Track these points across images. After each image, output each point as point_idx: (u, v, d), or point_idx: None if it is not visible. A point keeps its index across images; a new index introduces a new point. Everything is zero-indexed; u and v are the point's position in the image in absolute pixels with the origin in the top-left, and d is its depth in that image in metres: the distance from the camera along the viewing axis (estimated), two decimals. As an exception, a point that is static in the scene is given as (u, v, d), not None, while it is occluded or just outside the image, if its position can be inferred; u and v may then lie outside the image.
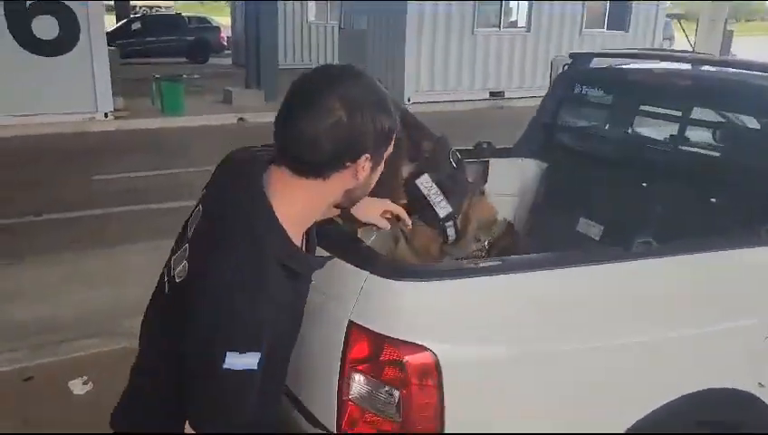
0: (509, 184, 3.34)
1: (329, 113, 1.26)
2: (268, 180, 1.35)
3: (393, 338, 1.54)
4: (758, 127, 2.57)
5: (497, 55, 13.58)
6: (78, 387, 3.37)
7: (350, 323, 1.60)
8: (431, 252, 2.50)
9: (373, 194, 2.17)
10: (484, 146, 3.37)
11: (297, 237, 1.38)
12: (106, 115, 10.20)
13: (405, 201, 2.32)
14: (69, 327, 3.90)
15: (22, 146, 8.74)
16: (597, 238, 2.94)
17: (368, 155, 1.33)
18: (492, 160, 3.24)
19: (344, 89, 1.29)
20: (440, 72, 13.25)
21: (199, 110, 11.29)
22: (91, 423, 3.06)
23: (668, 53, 3.13)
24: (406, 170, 2.41)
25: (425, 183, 2.34)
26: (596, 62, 3.22)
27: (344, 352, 1.61)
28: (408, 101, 12.12)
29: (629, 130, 3.01)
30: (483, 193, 2.70)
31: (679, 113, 2.74)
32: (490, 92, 13.54)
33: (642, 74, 2.98)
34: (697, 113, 2.73)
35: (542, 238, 3.18)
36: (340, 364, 1.61)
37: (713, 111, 2.73)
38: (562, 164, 3.20)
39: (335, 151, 1.28)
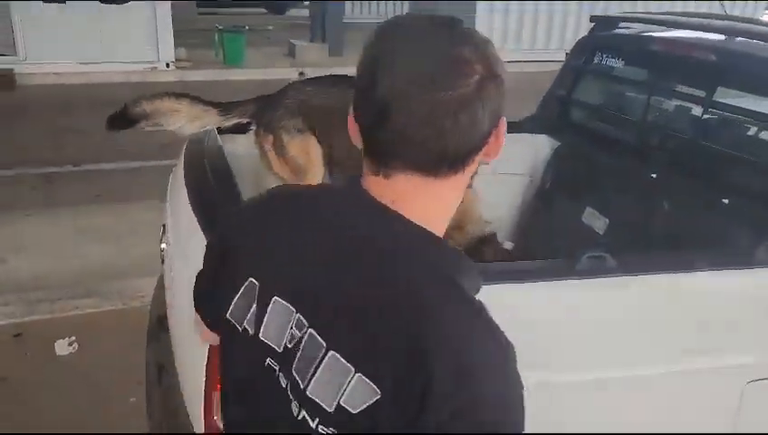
0: (518, 162, 3.01)
1: (469, 73, 0.84)
2: (380, 206, 0.90)
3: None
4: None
5: (577, 12, 12.73)
6: (63, 348, 3.34)
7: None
8: None
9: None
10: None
11: None
12: (168, 65, 10.27)
13: None
14: (67, 284, 3.88)
15: (83, 94, 8.91)
16: (601, 232, 2.58)
17: (503, 117, 0.91)
18: (499, 135, 2.92)
19: (464, 36, 0.87)
20: (514, 29, 12.55)
21: (261, 62, 11.18)
22: (66, 387, 3.08)
23: (721, 20, 2.62)
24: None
25: None
26: (622, 29, 2.78)
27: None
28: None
29: (651, 113, 2.57)
30: (470, 186, 2.37)
31: (705, 95, 2.29)
32: (566, 52, 12.73)
33: (675, 46, 2.52)
34: (738, 99, 2.26)
35: (545, 227, 2.85)
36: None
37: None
38: (574, 145, 2.82)
39: (481, 124, 0.86)
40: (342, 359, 0.83)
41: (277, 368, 0.91)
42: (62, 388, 3.04)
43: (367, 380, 0.81)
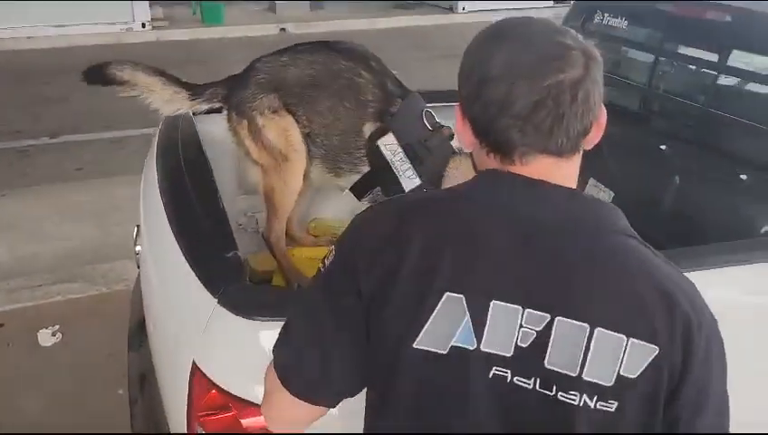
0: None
1: (576, 58, 0.93)
2: (546, 184, 0.93)
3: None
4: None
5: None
6: (46, 338, 3.21)
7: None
8: None
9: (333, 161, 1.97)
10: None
11: None
12: (143, 25, 9.87)
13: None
14: (49, 269, 3.72)
15: (55, 59, 8.56)
16: (605, 206, 2.43)
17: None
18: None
19: (560, 29, 0.98)
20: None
21: (241, 19, 10.80)
22: (51, 380, 2.97)
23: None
24: (369, 129, 2.00)
25: (388, 145, 1.95)
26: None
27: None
28: (463, 10, 11.24)
29: (659, 77, 2.40)
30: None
31: (717, 58, 2.12)
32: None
33: (686, 4, 2.33)
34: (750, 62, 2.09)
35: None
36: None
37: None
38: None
39: (593, 104, 0.96)
40: (611, 332, 0.86)
41: (509, 373, 0.88)
42: (47, 381, 2.92)
43: (641, 341, 0.86)
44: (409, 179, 1.92)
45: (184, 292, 1.33)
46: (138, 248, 1.80)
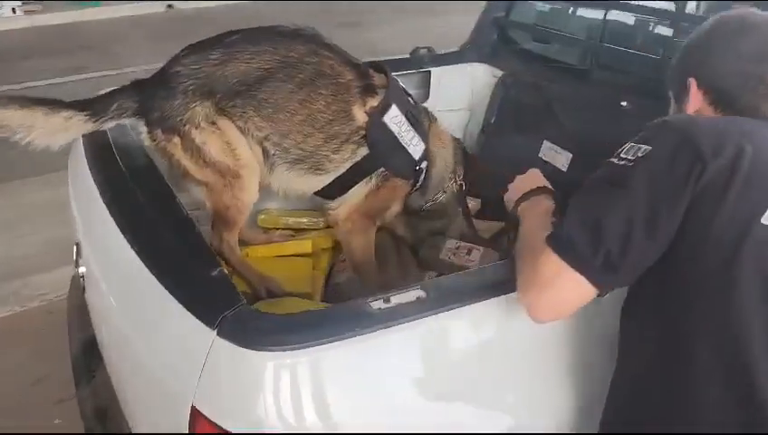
0: (457, 97, 2.74)
1: None
2: None
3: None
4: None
5: None
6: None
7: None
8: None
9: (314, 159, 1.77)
10: (423, 52, 2.73)
11: None
12: (14, 11, 8.97)
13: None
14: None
15: None
16: (564, 169, 2.38)
17: None
18: (434, 69, 2.63)
19: None
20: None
21: (118, -2, 10.04)
22: None
23: None
24: (360, 110, 1.79)
25: (394, 119, 1.80)
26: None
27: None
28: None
29: (610, 30, 2.34)
30: (435, 119, 2.08)
31: (672, 6, 2.08)
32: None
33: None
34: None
35: (496, 166, 2.63)
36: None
37: None
38: (519, 72, 2.57)
39: None
40: None
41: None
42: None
43: None
44: (415, 147, 1.84)
45: (165, 323, 1.13)
46: (81, 270, 1.54)
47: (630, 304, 1.17)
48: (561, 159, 2.39)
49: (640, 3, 2.23)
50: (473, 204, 2.28)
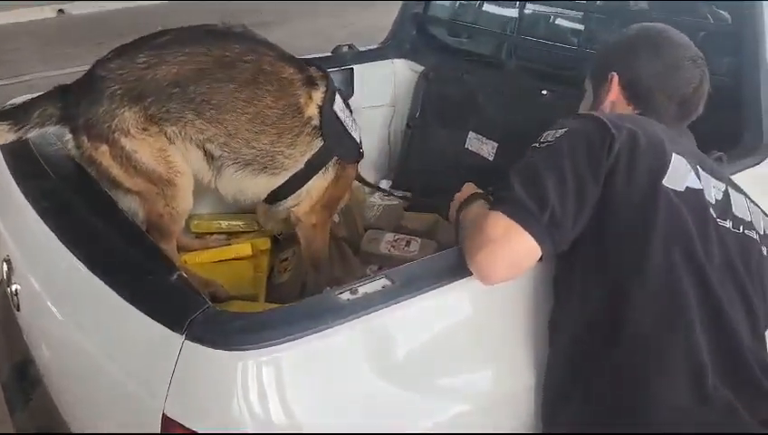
0: (380, 93, 2.76)
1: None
2: None
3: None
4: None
5: None
6: None
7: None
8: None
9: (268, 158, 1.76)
10: (345, 49, 2.74)
11: None
12: None
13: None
14: None
15: None
16: (490, 158, 2.45)
17: None
18: (356, 67, 2.64)
19: None
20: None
21: (5, 3, 9.46)
22: None
23: None
24: (307, 102, 1.79)
25: (339, 107, 1.85)
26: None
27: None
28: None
29: (523, 22, 2.44)
30: None
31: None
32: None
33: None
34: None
35: (425, 160, 2.68)
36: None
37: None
38: (440, 66, 2.63)
39: None
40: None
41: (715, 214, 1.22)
42: None
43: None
44: (356, 132, 1.90)
45: (128, 333, 1.10)
46: (15, 287, 1.45)
47: (560, 278, 1.24)
48: (486, 148, 2.47)
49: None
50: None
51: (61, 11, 9.43)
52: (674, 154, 1.20)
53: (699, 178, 1.22)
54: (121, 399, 1.11)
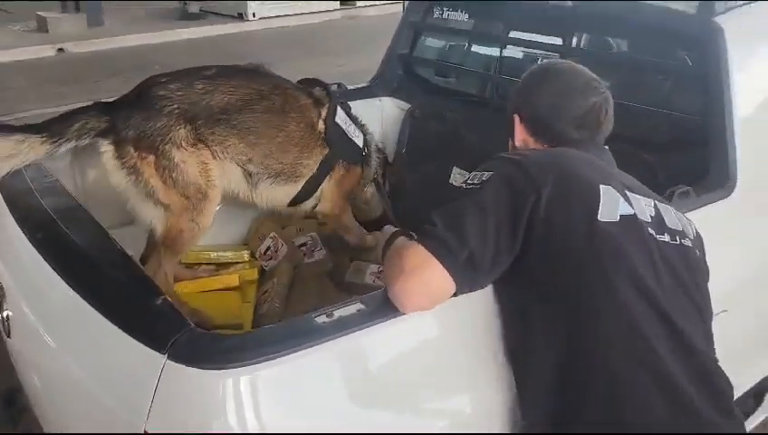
0: (368, 130, 2.85)
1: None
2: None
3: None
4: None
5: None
6: None
7: (147, 435, 1.06)
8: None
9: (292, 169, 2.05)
10: (335, 88, 2.84)
11: None
12: None
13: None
14: None
15: None
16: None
17: None
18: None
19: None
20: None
21: (6, 42, 9.64)
22: None
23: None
24: (318, 119, 2.10)
25: (341, 118, 2.16)
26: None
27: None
28: (254, 16, 11.05)
29: (505, 65, 2.54)
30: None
31: (560, 42, 2.29)
32: (340, 1, 12.66)
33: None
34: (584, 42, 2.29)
35: (411, 194, 2.75)
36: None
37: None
38: (426, 104, 2.72)
39: None
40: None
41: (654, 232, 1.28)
42: None
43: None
44: (358, 138, 2.20)
45: (113, 355, 1.15)
46: (6, 313, 1.50)
47: (523, 314, 1.26)
48: (470, 182, 2.54)
49: (532, 38, 2.43)
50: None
51: (61, 49, 9.60)
52: (602, 186, 1.25)
53: (630, 202, 1.27)
54: (104, 417, 1.15)
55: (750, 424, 2.05)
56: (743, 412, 1.94)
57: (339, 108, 2.13)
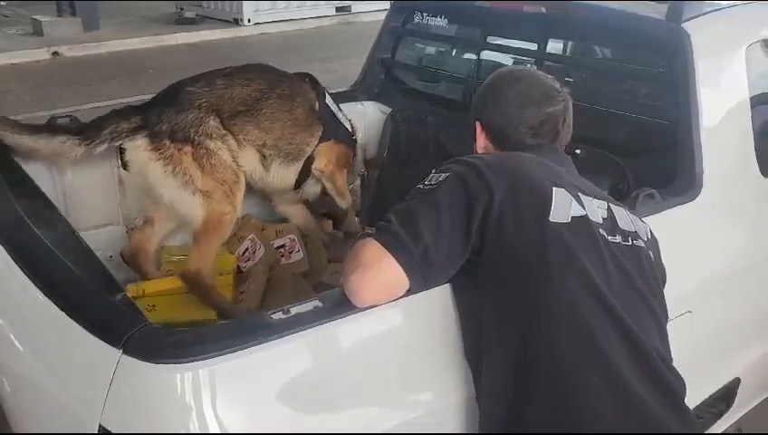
0: (349, 134, 2.87)
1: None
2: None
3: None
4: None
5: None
6: None
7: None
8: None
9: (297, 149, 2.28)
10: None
11: None
12: None
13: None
14: None
15: None
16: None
17: None
18: (327, 108, 2.76)
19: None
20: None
21: (1, 45, 9.66)
22: None
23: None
24: (314, 103, 2.30)
25: (329, 101, 2.34)
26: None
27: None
28: (249, 22, 11.09)
29: (485, 69, 2.56)
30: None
31: (534, 47, 2.32)
32: (336, 7, 12.71)
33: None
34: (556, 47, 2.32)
35: (392, 197, 2.77)
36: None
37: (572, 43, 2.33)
38: (407, 108, 2.74)
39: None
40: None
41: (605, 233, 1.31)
42: None
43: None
44: (347, 122, 2.41)
45: (72, 351, 1.16)
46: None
47: (476, 316, 1.28)
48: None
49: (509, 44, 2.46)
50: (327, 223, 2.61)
51: (56, 53, 9.62)
52: (554, 188, 1.28)
53: (582, 204, 1.29)
54: (62, 413, 1.16)
55: (721, 426, 2.07)
56: (713, 414, 1.97)
57: (326, 92, 2.34)
